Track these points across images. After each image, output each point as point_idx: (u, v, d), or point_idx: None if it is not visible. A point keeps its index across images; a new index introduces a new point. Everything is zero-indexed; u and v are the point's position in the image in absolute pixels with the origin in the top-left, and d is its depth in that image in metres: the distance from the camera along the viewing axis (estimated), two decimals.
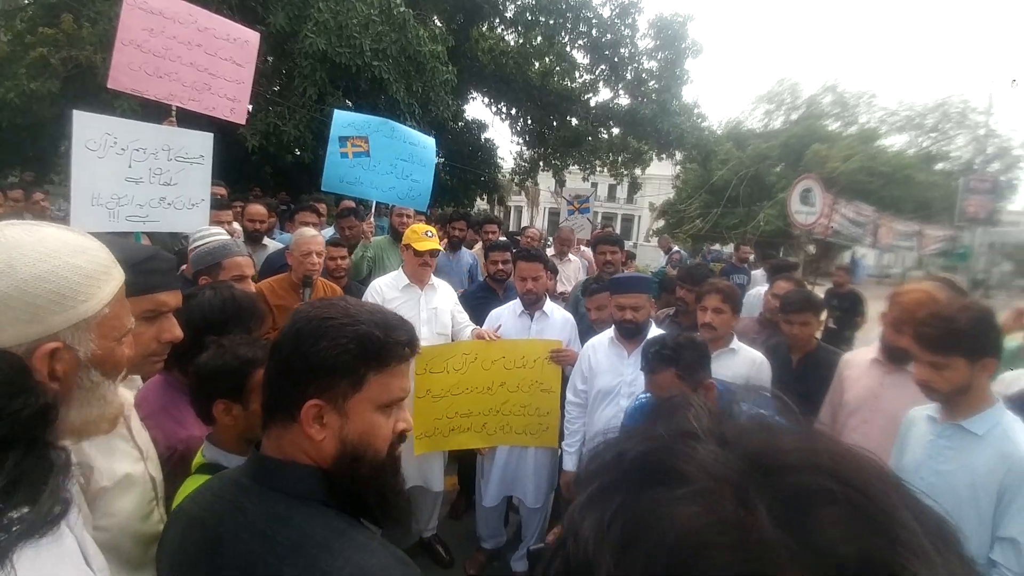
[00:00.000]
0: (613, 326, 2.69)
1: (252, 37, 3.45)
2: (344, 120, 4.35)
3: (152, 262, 1.23)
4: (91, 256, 0.78)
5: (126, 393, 1.21)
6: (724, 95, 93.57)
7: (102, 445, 1.03)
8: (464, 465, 3.66)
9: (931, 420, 1.75)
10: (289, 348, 0.84)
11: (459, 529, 3.61)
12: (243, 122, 3.50)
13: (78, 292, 0.75)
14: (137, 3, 2.90)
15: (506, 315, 3.14)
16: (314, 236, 3.15)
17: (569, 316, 3.20)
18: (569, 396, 2.83)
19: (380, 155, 4.43)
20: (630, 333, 2.54)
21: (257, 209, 4.36)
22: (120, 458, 1.09)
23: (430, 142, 4.81)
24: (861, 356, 2.40)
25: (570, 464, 2.79)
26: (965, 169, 22.83)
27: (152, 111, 3.21)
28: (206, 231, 2.70)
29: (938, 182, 21.85)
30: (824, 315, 3.42)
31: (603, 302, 3.12)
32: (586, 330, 3.21)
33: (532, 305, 3.07)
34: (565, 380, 2.96)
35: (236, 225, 4.32)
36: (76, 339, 0.77)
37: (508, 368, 2.94)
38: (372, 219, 4.65)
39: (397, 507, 0.90)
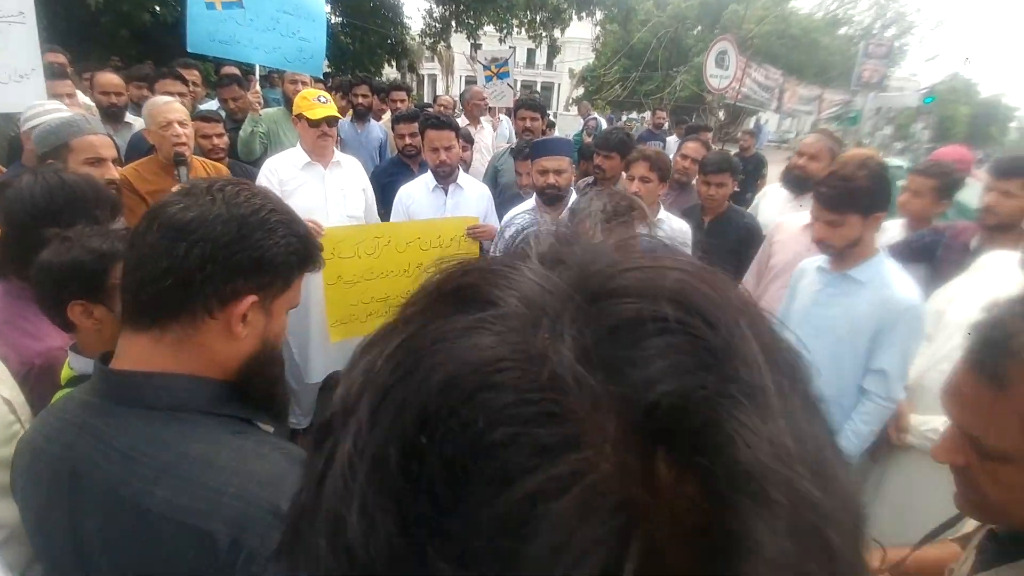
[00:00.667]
0: (534, 195, 2.61)
1: None
2: None
3: None
4: None
5: None
6: None
7: None
8: None
9: (821, 270, 1.90)
10: (229, 236, 0.73)
11: None
12: None
13: None
14: None
15: (418, 191, 2.97)
16: (168, 102, 2.65)
17: (485, 189, 3.08)
18: None
19: (256, 7, 3.72)
20: (553, 200, 2.45)
21: (109, 79, 3.62)
22: None
23: None
24: (793, 221, 2.49)
25: None
26: (865, 34, 23.51)
27: None
28: (39, 106, 2.20)
29: (840, 47, 22.51)
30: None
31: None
32: (511, 198, 3.15)
33: (446, 178, 2.91)
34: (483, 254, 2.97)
35: (83, 98, 3.59)
36: None
37: (424, 249, 2.84)
38: (258, 87, 4.05)
39: (285, 403, 0.88)
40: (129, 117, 3.73)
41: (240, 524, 0.66)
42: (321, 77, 4.64)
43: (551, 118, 8.87)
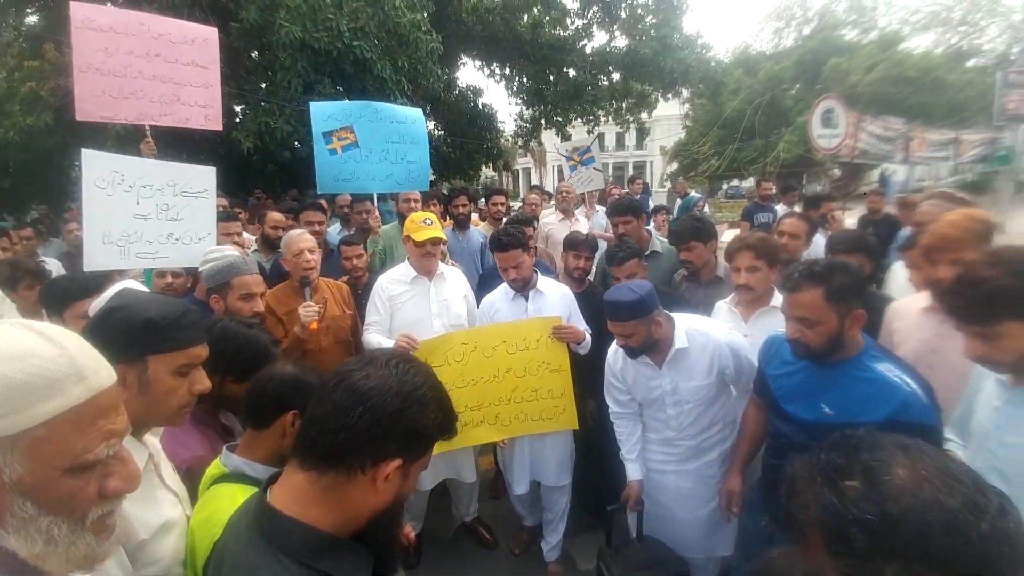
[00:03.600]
0: None
1: (210, 34, 3.26)
2: (322, 113, 4.14)
3: (186, 316, 1.25)
4: (33, 366, 0.66)
5: (152, 440, 1.27)
6: (728, 20, 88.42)
7: (139, 496, 1.00)
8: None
9: (1000, 383, 1.49)
10: (397, 403, 0.87)
11: (501, 509, 3.59)
12: (219, 128, 3.36)
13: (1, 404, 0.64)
14: (85, 23, 2.76)
15: (499, 299, 2.99)
16: (301, 234, 3.06)
17: (566, 290, 2.99)
18: (612, 408, 2.54)
19: (369, 143, 4.24)
20: (634, 354, 2.23)
21: (277, 217, 4.30)
22: (158, 507, 1.14)
23: (418, 114, 4.57)
24: (910, 304, 2.14)
25: (635, 473, 2.44)
26: (1001, 62, 21.08)
27: (140, 130, 3.18)
28: (215, 249, 2.63)
29: (972, 80, 20.26)
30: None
31: (634, 269, 2.91)
32: None
33: (523, 288, 2.91)
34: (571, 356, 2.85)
35: (246, 235, 4.26)
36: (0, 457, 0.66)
37: (511, 352, 2.79)
38: (377, 211, 4.50)
39: (395, 557, 0.99)
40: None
41: None
42: (426, 190, 5.07)
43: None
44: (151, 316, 1.18)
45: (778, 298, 2.41)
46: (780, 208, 6.98)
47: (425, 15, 9.08)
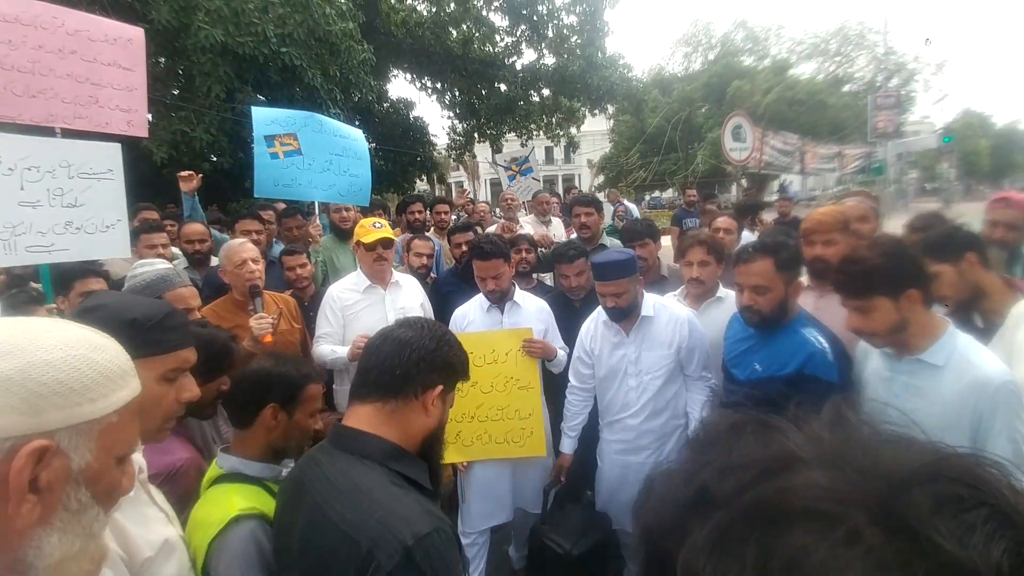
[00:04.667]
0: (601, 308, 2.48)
1: (135, 34, 2.99)
2: (266, 117, 3.97)
3: (172, 318, 1.19)
4: (111, 356, 0.69)
5: (138, 456, 1.17)
6: (645, 43, 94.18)
7: (132, 513, 1.01)
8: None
9: (886, 355, 1.68)
10: (433, 345, 1.16)
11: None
12: (144, 134, 3.06)
13: (88, 388, 0.64)
14: None
15: (473, 311, 2.79)
16: (243, 243, 2.83)
17: (544, 303, 2.88)
18: (572, 381, 2.61)
19: (313, 152, 4.12)
20: (620, 316, 2.35)
21: (194, 228, 3.85)
22: (153, 524, 1.09)
23: (360, 134, 4.59)
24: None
25: (568, 447, 2.58)
26: (869, 88, 24.17)
27: (46, 133, 2.77)
28: (144, 261, 2.37)
29: (848, 103, 23.08)
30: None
31: (583, 267, 2.92)
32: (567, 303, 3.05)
33: (499, 302, 2.77)
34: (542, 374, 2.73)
35: (174, 249, 3.89)
36: (72, 443, 0.63)
37: (478, 365, 2.57)
38: (319, 221, 4.33)
39: (440, 472, 1.22)
40: (214, 260, 3.97)
41: (376, 541, 0.94)
42: (368, 206, 4.95)
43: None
44: (135, 316, 1.09)
45: (723, 290, 2.61)
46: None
47: (356, 25, 8.92)
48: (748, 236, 4.00)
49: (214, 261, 3.95)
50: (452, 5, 13.25)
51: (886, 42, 24.09)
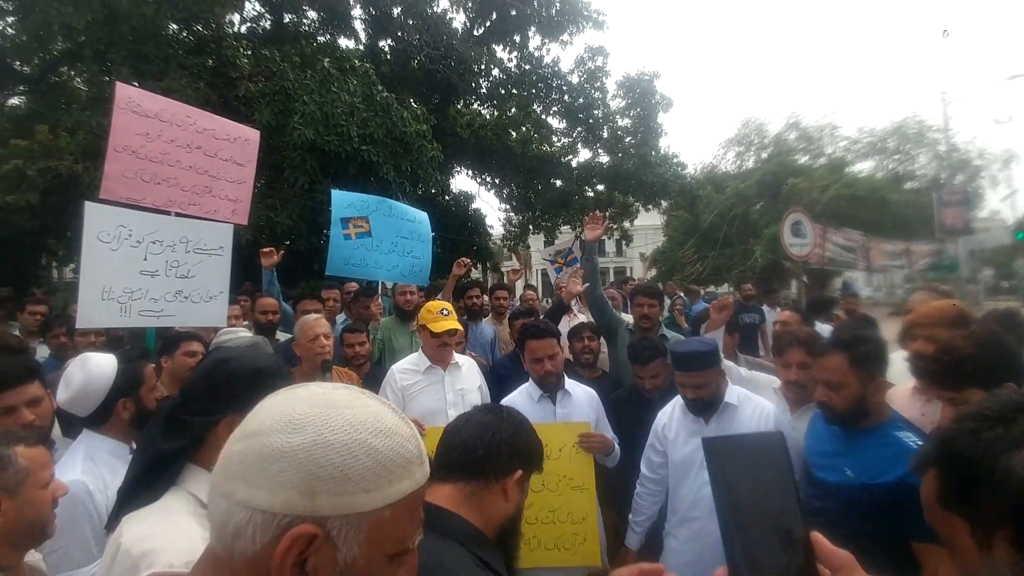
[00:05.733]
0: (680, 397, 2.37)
1: (252, 136, 3.44)
2: (343, 201, 4.33)
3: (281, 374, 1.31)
4: (395, 443, 0.64)
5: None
6: (698, 141, 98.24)
7: None
8: None
9: None
10: (512, 429, 1.21)
11: None
12: (245, 222, 3.40)
13: (363, 478, 0.60)
14: (129, 106, 2.85)
15: (523, 402, 2.60)
16: (317, 319, 2.99)
17: (593, 392, 2.74)
18: (643, 470, 2.45)
19: (382, 234, 4.41)
20: (700, 408, 2.23)
21: (268, 301, 4.17)
22: None
23: (425, 217, 4.89)
24: (901, 390, 2.20)
25: (633, 542, 2.39)
26: (933, 185, 23.61)
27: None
28: (229, 329, 2.53)
29: (911, 200, 22.50)
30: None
31: (659, 369, 2.76)
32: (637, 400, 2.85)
33: (553, 388, 2.63)
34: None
35: (244, 321, 4.13)
36: (342, 535, 0.60)
37: None
38: (380, 299, 4.51)
39: (514, 565, 1.21)
40: (279, 333, 4.19)
41: None
42: (427, 285, 5.16)
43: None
44: (261, 366, 1.23)
45: None
46: (766, 309, 7.24)
47: (428, 127, 9.86)
48: (824, 329, 3.81)
49: (279, 336, 4.15)
50: (514, 110, 14.46)
51: (948, 139, 23.84)
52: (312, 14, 11.76)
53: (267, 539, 0.56)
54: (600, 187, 16.14)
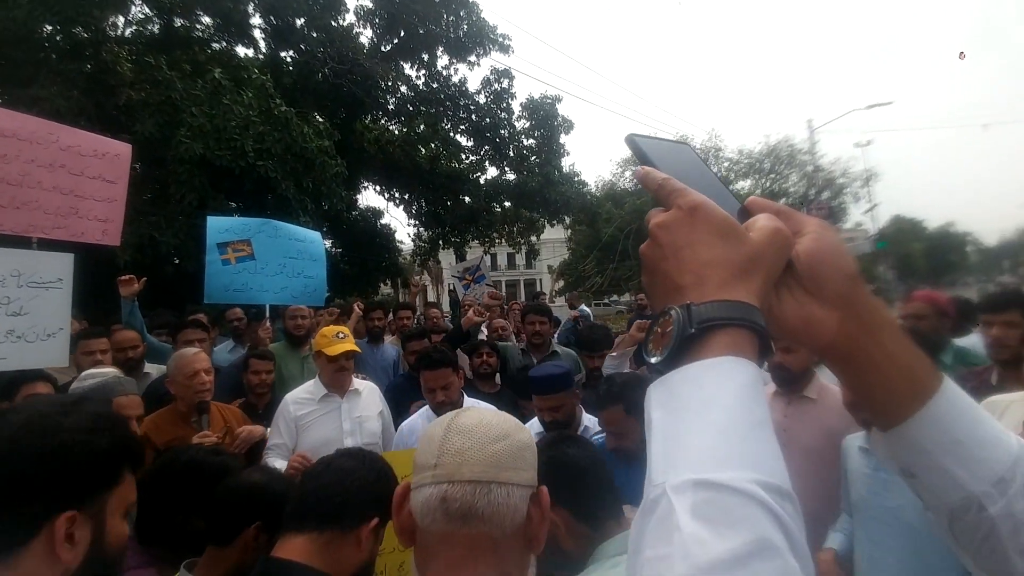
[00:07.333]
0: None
1: (123, 150, 3.22)
2: (220, 226, 4.19)
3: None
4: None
5: None
6: (599, 159, 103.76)
7: None
8: None
9: (863, 452, 1.68)
10: (373, 477, 1.19)
11: None
12: (117, 243, 3.16)
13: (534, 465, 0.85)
14: None
15: (420, 427, 2.69)
16: (196, 353, 2.73)
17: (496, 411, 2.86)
18: None
19: (266, 256, 4.29)
20: (562, 426, 2.29)
21: (126, 335, 3.61)
22: None
23: (316, 236, 4.82)
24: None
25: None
26: (803, 201, 27.05)
27: (7, 242, 2.80)
28: (91, 372, 2.34)
29: None
30: None
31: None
32: None
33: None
34: None
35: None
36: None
37: None
38: (268, 323, 4.35)
39: None
40: (148, 367, 3.80)
41: None
42: (322, 306, 5.01)
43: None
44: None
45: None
46: None
47: (331, 143, 9.62)
48: None
49: (148, 369, 3.75)
50: (422, 127, 14.52)
51: (814, 160, 27.40)
52: (206, 19, 11.03)
53: (524, 506, 0.76)
54: (507, 203, 16.63)
